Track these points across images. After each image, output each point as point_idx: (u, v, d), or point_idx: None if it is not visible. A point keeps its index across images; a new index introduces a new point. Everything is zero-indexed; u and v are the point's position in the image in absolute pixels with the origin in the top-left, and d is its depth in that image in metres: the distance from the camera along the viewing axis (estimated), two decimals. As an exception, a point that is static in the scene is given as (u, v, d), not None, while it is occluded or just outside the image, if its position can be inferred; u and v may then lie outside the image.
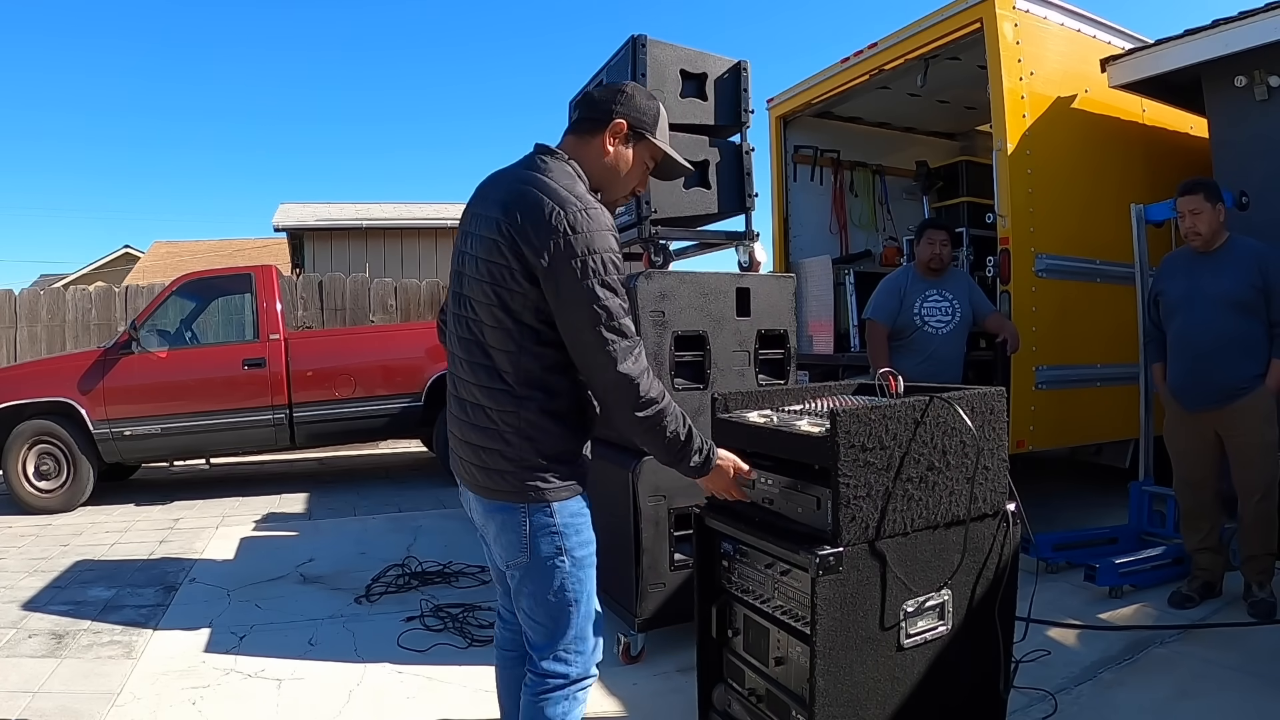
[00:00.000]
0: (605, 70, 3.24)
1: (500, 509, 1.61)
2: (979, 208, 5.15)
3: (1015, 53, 4.04)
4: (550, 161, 1.60)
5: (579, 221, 1.47)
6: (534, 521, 1.58)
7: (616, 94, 1.66)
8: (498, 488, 1.59)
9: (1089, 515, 4.51)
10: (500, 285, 1.53)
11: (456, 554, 4.14)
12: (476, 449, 1.61)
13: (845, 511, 1.64)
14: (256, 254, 15.67)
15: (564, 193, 1.51)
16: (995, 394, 1.85)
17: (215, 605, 3.49)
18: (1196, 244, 3.14)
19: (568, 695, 1.64)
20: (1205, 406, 3.11)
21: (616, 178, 1.68)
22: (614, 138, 1.65)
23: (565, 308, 1.49)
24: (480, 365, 1.59)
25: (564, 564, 1.60)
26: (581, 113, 1.68)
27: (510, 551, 1.62)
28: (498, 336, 1.55)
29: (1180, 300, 3.18)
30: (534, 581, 1.61)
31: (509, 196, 1.55)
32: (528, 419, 1.55)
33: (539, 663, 1.64)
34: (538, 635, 1.65)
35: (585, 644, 1.66)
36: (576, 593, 1.62)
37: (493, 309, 1.55)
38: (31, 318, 8.08)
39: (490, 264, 1.54)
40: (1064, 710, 2.34)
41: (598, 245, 1.47)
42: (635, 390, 1.50)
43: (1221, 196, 3.12)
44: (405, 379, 6.15)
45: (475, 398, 1.60)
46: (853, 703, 1.68)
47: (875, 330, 3.90)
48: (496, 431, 1.57)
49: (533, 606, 1.63)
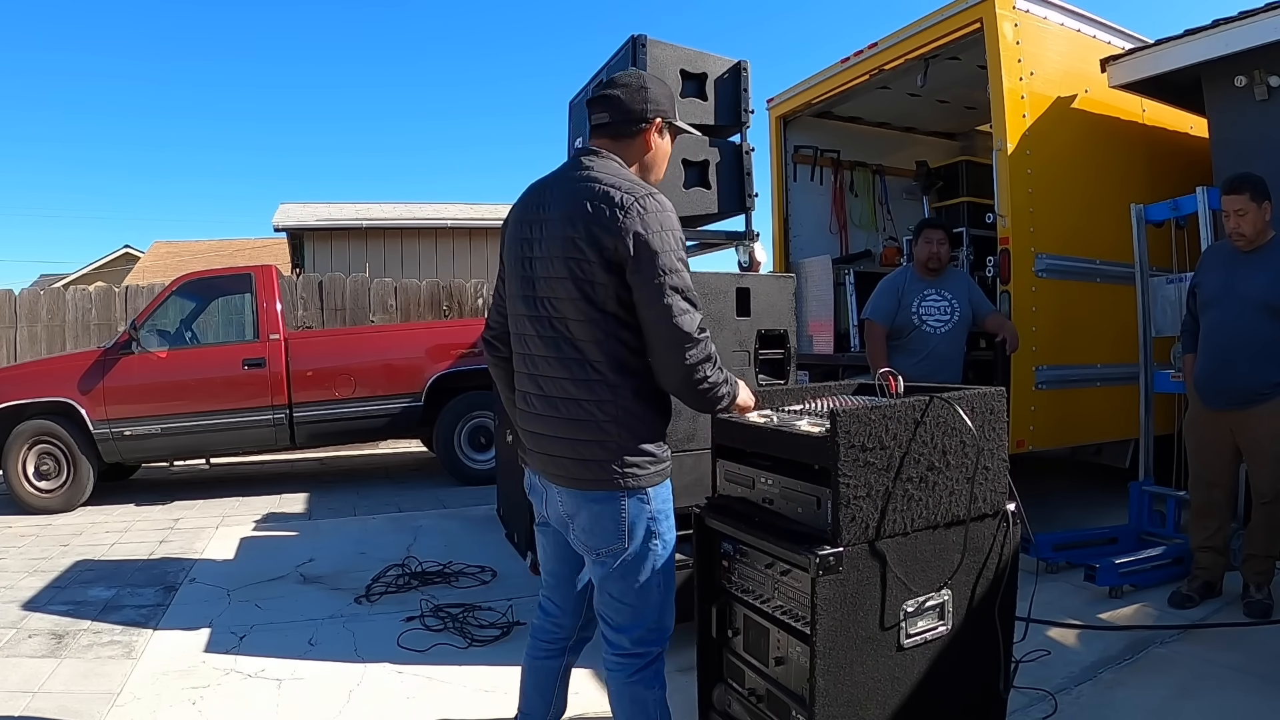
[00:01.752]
0: (605, 70, 3.24)
1: (596, 498, 1.68)
2: (979, 208, 5.15)
3: (1015, 53, 4.04)
4: (598, 160, 1.73)
5: (649, 204, 1.60)
6: (632, 509, 1.67)
7: (643, 93, 1.77)
8: (596, 477, 1.66)
9: (1089, 515, 4.51)
10: (582, 279, 1.62)
11: (456, 554, 4.14)
12: (569, 441, 1.68)
13: (845, 511, 1.63)
14: (256, 254, 15.67)
15: (627, 182, 1.65)
16: (995, 394, 1.85)
17: (215, 605, 3.49)
18: (1240, 244, 3.06)
19: (658, 672, 1.76)
20: (1226, 406, 3.08)
21: (657, 167, 1.83)
22: (655, 133, 1.79)
23: (642, 285, 1.59)
24: (571, 359, 1.67)
25: (656, 549, 1.71)
26: (614, 116, 1.77)
27: (605, 539, 1.68)
28: (585, 329, 1.64)
29: (1214, 296, 3.12)
30: (628, 567, 1.69)
31: (577, 194, 1.66)
32: (624, 405, 1.64)
33: (627, 645, 1.73)
34: (624, 618, 1.73)
35: (664, 622, 1.77)
36: (664, 575, 1.73)
37: (577, 303, 1.64)
38: (31, 318, 8.08)
39: (569, 260, 1.63)
40: (1064, 710, 2.34)
41: (668, 224, 1.62)
42: (693, 344, 1.60)
43: (1268, 194, 3.01)
44: (405, 379, 6.15)
45: (566, 392, 1.68)
46: (853, 703, 1.67)
47: (873, 330, 3.90)
48: (593, 422, 1.65)
49: (623, 591, 1.71)
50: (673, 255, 1.60)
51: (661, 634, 1.78)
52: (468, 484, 6.04)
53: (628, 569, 1.70)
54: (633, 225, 1.57)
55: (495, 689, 2.62)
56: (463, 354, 6.20)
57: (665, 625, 1.78)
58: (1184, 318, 3.39)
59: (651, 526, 1.69)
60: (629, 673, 1.73)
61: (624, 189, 1.62)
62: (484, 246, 12.48)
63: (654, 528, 1.70)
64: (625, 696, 1.75)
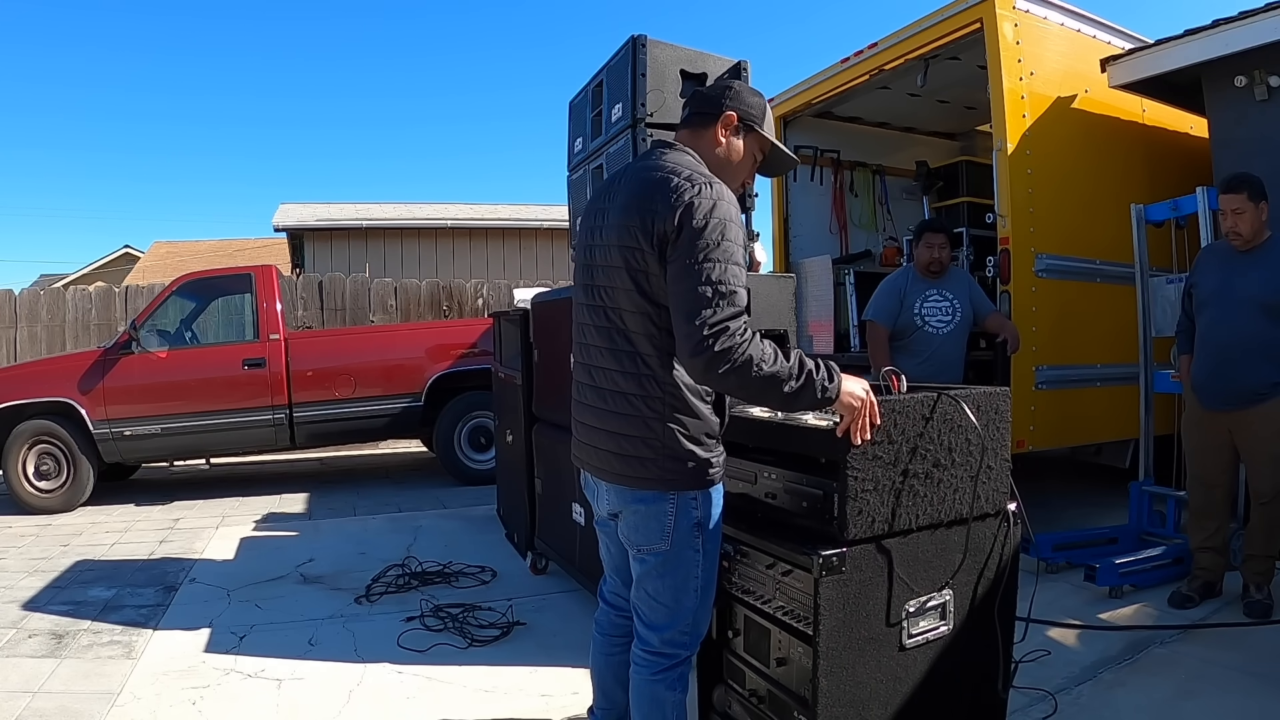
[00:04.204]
0: (605, 70, 3.24)
1: (644, 498, 1.64)
2: (979, 208, 5.15)
3: (1015, 53, 4.04)
4: (669, 151, 1.69)
5: (704, 190, 1.54)
6: (680, 510, 1.63)
7: (725, 89, 1.76)
8: (640, 474, 1.63)
9: (1089, 515, 4.51)
10: (635, 269, 1.59)
11: (456, 554, 4.13)
12: (616, 436, 1.65)
13: (853, 505, 1.63)
14: (256, 254, 15.66)
15: (689, 170, 1.60)
16: (1000, 394, 1.86)
17: (215, 605, 3.49)
18: (1237, 244, 3.06)
19: (682, 675, 1.74)
20: (1223, 406, 3.08)
21: (729, 167, 1.75)
22: (725, 129, 1.73)
23: (674, 263, 1.53)
24: (623, 351, 1.64)
25: (699, 553, 1.67)
26: (693, 108, 1.77)
27: (650, 538, 1.66)
28: (637, 320, 1.61)
29: (1210, 296, 3.12)
30: (667, 567, 1.67)
31: (638, 182, 1.64)
32: (672, 404, 1.60)
33: (655, 643, 1.71)
34: (659, 616, 1.70)
35: (699, 626, 1.74)
36: (704, 580, 1.70)
37: (630, 294, 1.61)
38: (31, 318, 8.08)
39: (624, 249, 1.61)
40: (1064, 710, 2.34)
41: (723, 213, 1.54)
42: (711, 308, 1.47)
43: (1266, 194, 3.01)
44: (405, 379, 6.14)
45: (617, 384, 1.65)
46: (855, 703, 1.67)
47: (875, 331, 3.90)
48: (641, 418, 1.62)
49: (659, 590, 1.68)
50: (717, 244, 1.50)
51: (693, 638, 1.75)
52: (468, 484, 6.04)
53: (667, 569, 1.67)
54: (679, 205, 1.52)
55: (495, 689, 2.62)
56: (463, 354, 6.20)
57: (699, 630, 1.76)
58: (1180, 318, 3.39)
59: (696, 530, 1.66)
60: (653, 670, 1.72)
61: (683, 175, 1.58)
62: (484, 247, 12.50)
63: (700, 532, 1.66)
64: (646, 694, 1.74)
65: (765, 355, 1.52)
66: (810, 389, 1.54)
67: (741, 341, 1.50)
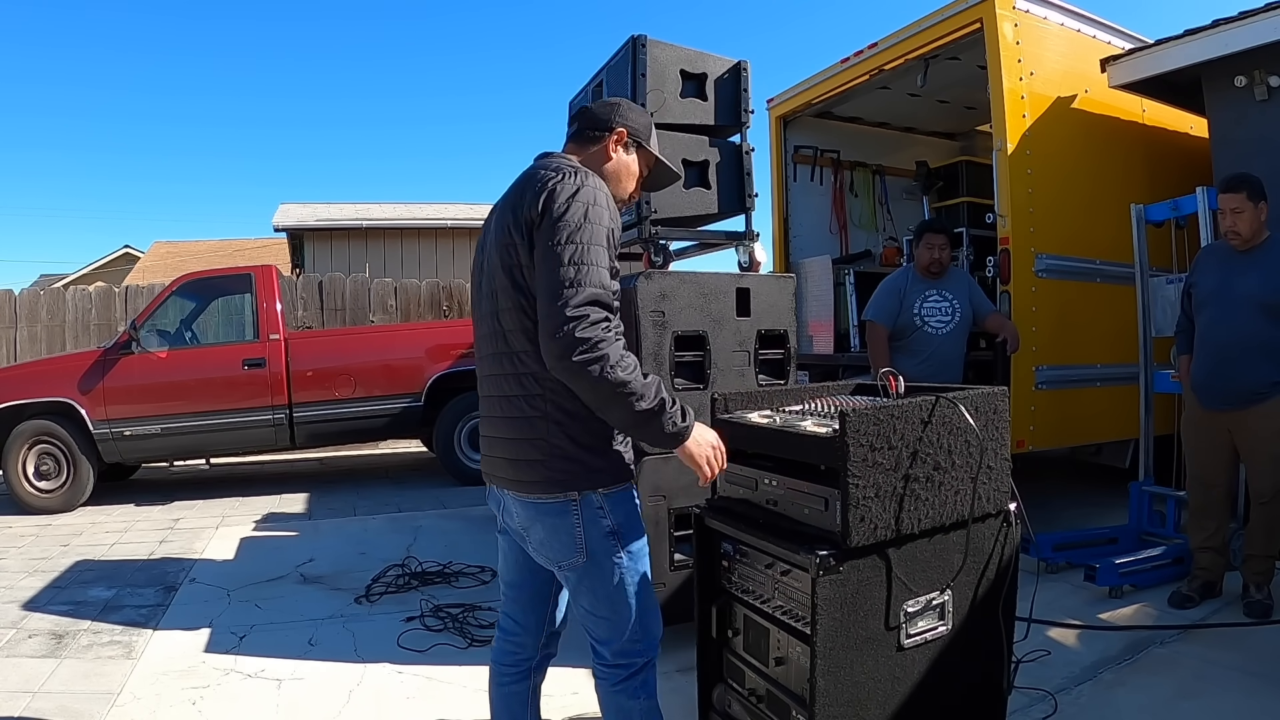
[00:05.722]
0: (605, 70, 3.24)
1: (548, 510, 1.59)
2: (979, 208, 5.16)
3: (1015, 53, 4.04)
4: (547, 157, 1.70)
5: (570, 180, 1.54)
6: (586, 517, 1.58)
7: (614, 107, 1.79)
8: (530, 478, 1.59)
9: (1089, 515, 4.51)
10: (511, 265, 1.57)
11: (456, 554, 4.13)
12: (512, 442, 1.62)
13: (855, 512, 1.62)
14: (256, 254, 15.67)
15: (558, 163, 1.61)
16: (999, 394, 1.85)
17: (215, 605, 3.49)
18: (1236, 243, 3.06)
19: (644, 681, 1.69)
20: (1222, 406, 3.08)
21: (618, 180, 1.76)
22: (617, 144, 1.75)
23: (538, 247, 1.51)
24: (504, 354, 1.62)
25: (619, 558, 1.62)
26: (581, 124, 1.78)
27: (564, 552, 1.60)
28: (513, 318, 1.58)
29: (1209, 296, 3.13)
30: (591, 579, 1.62)
31: (516, 186, 1.65)
32: (554, 399, 1.55)
33: (608, 656, 1.67)
34: (602, 630, 1.66)
35: (647, 628, 1.69)
36: (635, 584, 1.64)
37: (508, 291, 1.58)
38: (31, 318, 8.08)
39: (501, 248, 1.60)
40: (1064, 710, 2.34)
41: (587, 198, 1.52)
42: (571, 333, 1.42)
43: (1265, 194, 3.01)
44: (405, 379, 6.15)
45: (503, 389, 1.63)
46: (853, 703, 1.67)
47: (875, 332, 3.90)
48: (526, 419, 1.58)
49: (594, 603, 1.64)
50: (579, 225, 1.48)
51: (646, 644, 1.68)
52: (468, 484, 6.04)
53: (592, 582, 1.62)
54: (544, 192, 1.51)
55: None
56: (463, 354, 6.20)
57: (650, 634, 1.69)
58: (1179, 318, 3.39)
59: (612, 539, 1.60)
60: (613, 682, 1.68)
61: (551, 167, 1.58)
62: (484, 247, 12.45)
63: (615, 540, 1.60)
64: (611, 705, 1.70)
65: (625, 362, 1.47)
66: (660, 420, 1.49)
67: (604, 336, 1.45)
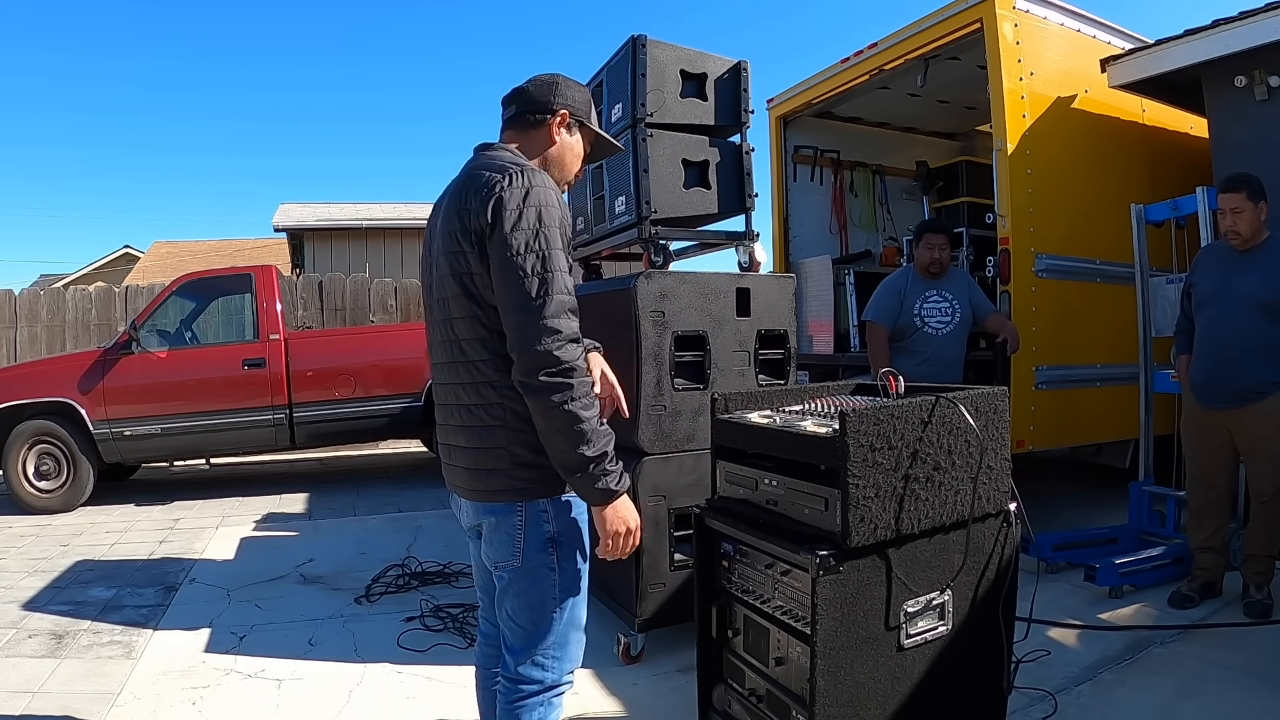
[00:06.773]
0: (605, 70, 3.24)
1: (493, 510, 1.56)
2: (979, 208, 5.16)
3: (1015, 53, 4.04)
4: (486, 151, 1.64)
5: (517, 178, 1.49)
6: (529, 523, 1.54)
7: (553, 86, 1.70)
8: (489, 487, 1.56)
9: (1089, 515, 4.51)
10: (463, 273, 1.52)
11: (456, 554, 4.13)
12: (467, 451, 1.59)
13: (855, 512, 1.63)
14: (256, 254, 15.67)
15: (500, 162, 1.55)
16: (998, 394, 1.85)
17: (215, 605, 3.49)
18: (1236, 243, 3.07)
19: (543, 702, 1.59)
20: (1222, 405, 3.09)
21: (562, 163, 1.72)
22: (560, 126, 1.69)
23: (493, 254, 1.47)
24: (459, 363, 1.58)
25: (554, 571, 1.56)
26: (519, 107, 1.69)
27: (501, 553, 1.57)
28: (467, 326, 1.54)
29: (1209, 296, 3.13)
30: (520, 585, 1.57)
31: (455, 185, 1.59)
32: (511, 408, 1.51)
33: (514, 667, 1.58)
34: (516, 639, 1.59)
35: (564, 650, 1.61)
36: (562, 600, 1.58)
37: (460, 299, 1.54)
38: (31, 318, 8.08)
39: (449, 255, 1.55)
40: (1064, 710, 2.34)
41: (537, 199, 1.48)
42: (549, 352, 1.40)
43: (1265, 194, 3.02)
44: (405, 379, 6.15)
45: (460, 398, 1.59)
46: (853, 703, 1.67)
47: (875, 332, 3.89)
48: (485, 428, 1.54)
49: (515, 610, 1.58)
50: (534, 231, 1.44)
51: (558, 666, 1.59)
52: (468, 484, 6.03)
53: (521, 587, 1.56)
54: (490, 198, 1.46)
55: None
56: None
57: (565, 657, 1.60)
58: (1179, 318, 3.39)
59: (550, 544, 1.55)
60: (509, 699, 1.58)
61: (494, 167, 1.52)
62: (484, 246, 12.45)
63: (554, 549, 1.55)
64: None
65: (588, 401, 1.45)
66: (596, 471, 1.46)
67: (577, 364, 1.44)
